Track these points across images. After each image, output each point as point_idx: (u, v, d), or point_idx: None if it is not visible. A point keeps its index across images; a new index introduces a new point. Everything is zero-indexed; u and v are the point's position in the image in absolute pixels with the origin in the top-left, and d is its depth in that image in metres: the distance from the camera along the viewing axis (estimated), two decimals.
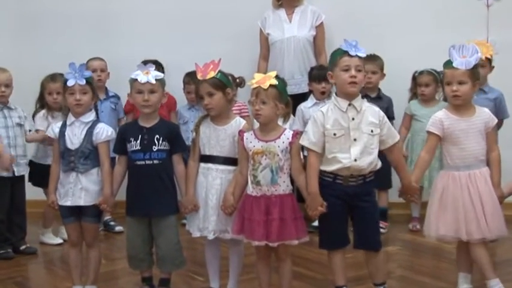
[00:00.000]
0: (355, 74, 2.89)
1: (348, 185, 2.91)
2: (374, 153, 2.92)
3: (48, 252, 4.17)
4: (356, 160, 2.87)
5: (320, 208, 2.90)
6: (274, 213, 2.92)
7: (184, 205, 3.15)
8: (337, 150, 2.89)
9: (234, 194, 3.04)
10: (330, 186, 2.93)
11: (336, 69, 2.93)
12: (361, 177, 2.92)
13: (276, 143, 2.96)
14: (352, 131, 2.89)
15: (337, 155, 2.89)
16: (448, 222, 3.04)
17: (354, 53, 2.89)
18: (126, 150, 3.16)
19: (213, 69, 3.10)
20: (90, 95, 3.18)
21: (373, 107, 2.99)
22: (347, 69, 2.89)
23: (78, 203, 3.17)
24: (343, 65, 2.90)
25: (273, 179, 2.93)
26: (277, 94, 2.95)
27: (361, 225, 2.95)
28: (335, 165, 2.90)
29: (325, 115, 2.92)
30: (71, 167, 3.16)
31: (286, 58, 4.65)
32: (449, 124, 3.07)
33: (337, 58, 2.92)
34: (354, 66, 2.89)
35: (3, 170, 3.75)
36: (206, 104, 3.10)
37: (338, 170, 2.90)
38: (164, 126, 3.19)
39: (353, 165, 2.88)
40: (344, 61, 2.90)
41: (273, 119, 2.98)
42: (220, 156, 3.12)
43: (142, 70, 3.13)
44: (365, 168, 2.90)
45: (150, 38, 5.05)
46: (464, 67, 3.00)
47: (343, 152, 2.89)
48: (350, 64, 2.89)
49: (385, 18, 4.91)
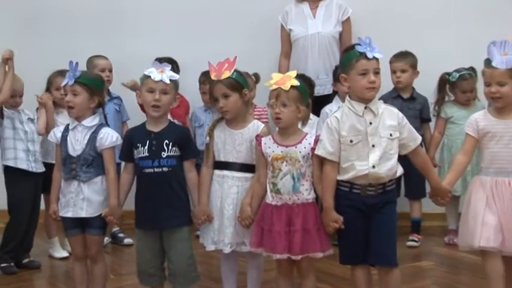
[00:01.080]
0: (374, 78, 2.86)
1: (367, 195, 2.89)
2: (393, 158, 2.90)
3: (52, 266, 4.19)
4: (374, 167, 2.86)
5: (334, 224, 2.90)
6: (296, 223, 2.91)
7: (196, 216, 3.14)
8: (354, 158, 2.88)
9: (251, 204, 3.04)
10: (346, 197, 2.91)
11: (351, 73, 2.90)
12: (380, 186, 2.90)
13: (297, 148, 2.96)
14: (370, 137, 2.87)
15: (355, 163, 2.87)
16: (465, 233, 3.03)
17: (371, 55, 2.86)
18: (133, 156, 3.15)
19: (228, 69, 3.09)
20: (83, 96, 3.16)
21: (391, 109, 2.98)
22: (365, 74, 2.86)
23: (79, 214, 3.17)
24: (360, 69, 2.87)
25: (295, 186, 2.93)
26: (299, 96, 2.95)
27: (376, 239, 2.91)
28: (351, 173, 2.88)
29: (340, 121, 2.90)
30: (72, 175, 3.16)
31: (310, 56, 4.64)
32: (484, 125, 3.05)
33: (352, 61, 2.89)
34: (372, 70, 2.87)
35: None
36: (221, 107, 3.10)
37: (355, 178, 2.88)
38: (174, 130, 3.16)
39: (371, 172, 2.86)
40: (361, 65, 2.87)
41: (294, 122, 2.99)
42: (237, 163, 3.11)
43: (157, 68, 3.10)
44: (384, 177, 2.88)
45: (160, 34, 5.07)
46: (505, 66, 2.96)
47: (361, 160, 2.87)
48: (368, 68, 2.86)
49: (418, 12, 4.88)
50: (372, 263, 2.97)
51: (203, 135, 4.30)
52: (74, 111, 3.19)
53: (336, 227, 2.90)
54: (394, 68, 4.48)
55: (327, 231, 2.94)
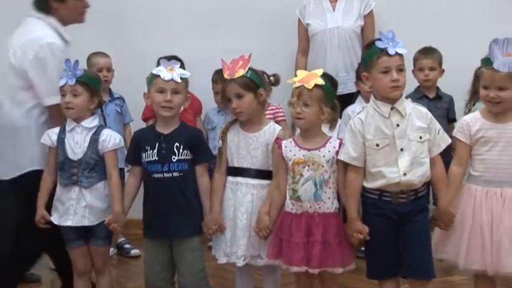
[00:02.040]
0: (397, 76, 2.84)
1: (398, 202, 2.87)
2: (426, 163, 2.87)
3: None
4: (406, 174, 2.84)
5: (359, 235, 2.88)
6: (316, 234, 2.91)
7: (207, 225, 3.13)
8: (381, 164, 2.86)
9: (269, 213, 3.03)
10: (375, 205, 2.90)
11: (373, 71, 2.88)
12: (412, 193, 2.88)
13: (320, 151, 2.95)
14: (398, 140, 2.85)
15: (382, 169, 2.86)
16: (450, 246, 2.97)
17: (393, 51, 2.84)
18: (141, 160, 3.15)
19: (243, 67, 3.09)
20: (84, 97, 3.18)
21: (419, 108, 2.95)
22: (387, 71, 2.84)
23: (81, 222, 3.16)
24: (381, 67, 2.84)
25: (317, 194, 2.93)
26: (323, 96, 2.94)
27: (410, 249, 2.88)
28: (380, 181, 2.87)
29: (365, 123, 2.89)
30: (72, 180, 3.16)
31: (329, 52, 4.64)
32: (477, 129, 2.96)
33: (373, 58, 2.87)
34: (395, 67, 2.84)
35: None
36: (234, 108, 3.09)
37: (385, 186, 2.87)
38: (185, 132, 3.16)
39: (402, 180, 2.84)
40: (383, 62, 2.84)
41: (316, 124, 2.98)
42: (252, 169, 3.11)
43: (166, 66, 3.10)
44: (416, 183, 2.86)
45: (167, 30, 5.04)
46: (507, 69, 2.84)
47: (389, 166, 2.85)
48: (390, 65, 2.84)
49: (445, 5, 4.88)
50: (406, 275, 2.93)
51: (216, 138, 4.31)
52: (73, 112, 3.19)
53: (360, 238, 2.88)
54: (422, 65, 4.43)
55: (351, 243, 2.92)
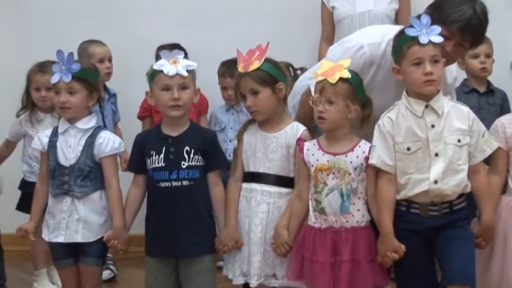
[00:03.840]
0: (431, 68, 2.84)
1: (428, 215, 2.90)
2: (463, 171, 2.89)
3: None
4: (437, 182, 2.85)
5: (393, 254, 2.89)
6: (344, 252, 2.92)
7: (222, 241, 3.14)
8: (413, 171, 2.88)
9: (289, 227, 3.06)
10: (402, 218, 2.91)
11: (403, 63, 2.89)
12: (446, 205, 2.90)
13: (347, 157, 2.95)
14: (433, 143, 2.87)
15: (413, 177, 2.88)
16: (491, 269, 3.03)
17: (425, 40, 2.84)
18: (145, 167, 3.16)
19: (258, 58, 3.10)
20: (82, 95, 3.20)
21: (460, 107, 2.95)
22: (419, 63, 2.85)
23: (74, 239, 3.18)
24: (413, 58, 2.85)
25: (343, 206, 2.95)
26: (350, 91, 2.95)
27: (449, 253, 2.88)
28: (409, 190, 2.89)
29: (395, 123, 2.91)
30: (64, 189, 3.17)
31: None
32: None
33: (403, 47, 2.88)
34: (429, 58, 2.84)
35: None
36: (249, 106, 3.12)
37: (413, 196, 2.89)
38: (197, 134, 3.17)
39: (432, 188, 2.86)
40: (414, 52, 2.85)
41: (343, 124, 2.98)
42: (270, 174, 3.13)
43: (169, 58, 3.09)
44: (449, 194, 2.88)
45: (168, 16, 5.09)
46: None
47: (421, 172, 2.87)
48: (422, 56, 2.84)
49: None
50: (448, 282, 2.90)
51: (225, 141, 4.36)
52: (70, 112, 3.21)
53: (396, 258, 2.88)
54: (477, 51, 4.32)
55: (383, 263, 2.93)
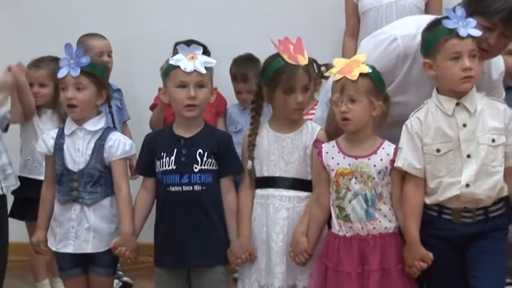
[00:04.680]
0: (470, 64, 2.83)
1: (461, 222, 2.89)
2: (498, 173, 2.88)
3: None
4: (468, 185, 2.85)
5: (421, 263, 2.89)
6: (372, 261, 2.94)
7: (234, 253, 3.15)
8: (443, 174, 2.88)
9: (308, 233, 3.07)
10: (432, 224, 2.92)
11: (438, 57, 2.88)
12: (480, 212, 2.89)
13: (370, 160, 2.97)
14: (464, 144, 2.86)
15: (444, 180, 2.88)
16: None
17: (465, 33, 2.83)
18: (154, 169, 3.18)
19: (300, 52, 3.11)
20: (90, 91, 3.21)
21: (495, 104, 2.95)
22: (457, 58, 2.85)
23: (84, 249, 3.21)
24: (450, 52, 2.85)
25: (369, 212, 2.97)
26: (372, 87, 2.96)
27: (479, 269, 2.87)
28: (439, 194, 2.89)
29: (423, 123, 2.91)
30: (73, 196, 3.20)
31: None
32: None
33: (439, 41, 2.87)
34: (467, 53, 2.84)
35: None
36: (300, 102, 3.09)
37: (444, 201, 2.89)
38: (211, 135, 3.19)
39: (464, 192, 2.85)
40: (452, 46, 2.84)
41: (368, 124, 2.99)
42: (287, 178, 3.14)
43: (186, 54, 3.11)
44: (483, 199, 2.86)
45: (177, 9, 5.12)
46: None
47: (452, 176, 2.87)
48: (461, 50, 2.84)
49: None
50: None
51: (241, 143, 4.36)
52: (78, 111, 3.21)
53: (424, 267, 2.88)
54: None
55: (411, 273, 2.93)
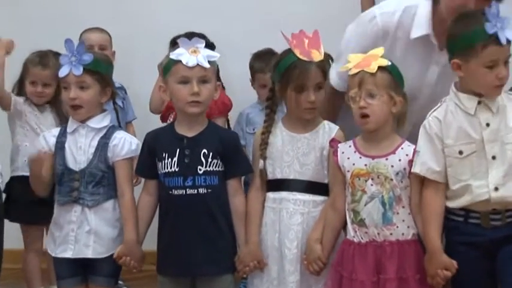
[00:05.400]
0: (505, 72, 2.83)
1: (490, 226, 2.87)
2: None
3: None
4: (497, 189, 2.83)
5: (445, 272, 2.86)
6: (389, 269, 2.91)
7: (242, 260, 3.14)
8: (467, 177, 2.87)
9: (322, 241, 3.04)
10: (459, 230, 2.90)
11: (472, 61, 2.85)
12: (510, 213, 2.88)
13: (388, 160, 2.95)
14: (489, 145, 2.85)
15: (468, 183, 2.86)
16: None
17: (504, 40, 2.81)
18: (156, 171, 3.17)
19: (315, 47, 3.10)
20: (95, 90, 3.21)
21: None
22: (493, 66, 2.82)
23: (84, 254, 3.18)
24: (488, 60, 2.82)
25: (386, 216, 2.94)
26: (391, 81, 2.95)
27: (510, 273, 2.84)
28: (465, 199, 2.87)
29: (443, 123, 2.90)
30: (73, 197, 3.18)
31: None
32: None
33: (476, 45, 2.83)
34: (503, 60, 2.84)
35: None
36: (313, 101, 3.07)
37: (471, 204, 2.87)
38: (216, 134, 3.18)
39: (494, 197, 2.83)
40: (491, 53, 2.81)
41: (388, 120, 2.98)
42: (302, 180, 3.12)
43: (188, 47, 3.09)
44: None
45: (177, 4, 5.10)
46: None
47: (477, 178, 2.85)
48: (499, 58, 2.83)
49: None
50: None
51: None
52: (83, 112, 3.21)
53: (449, 276, 2.86)
54: None
55: (434, 284, 2.90)
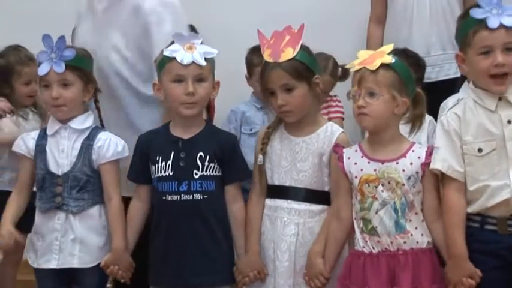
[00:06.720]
0: (503, 58, 2.83)
1: (507, 232, 2.87)
2: None
3: None
4: None
5: (469, 280, 2.85)
6: (403, 280, 2.89)
7: (241, 270, 3.15)
8: (486, 177, 2.87)
9: (324, 254, 3.05)
10: (475, 237, 2.89)
11: (469, 51, 2.89)
12: None
13: (399, 164, 2.93)
14: (510, 142, 2.86)
15: (487, 184, 2.86)
16: None
17: (496, 24, 2.82)
18: (149, 175, 3.18)
19: (291, 44, 3.07)
20: (77, 87, 3.22)
21: None
22: (487, 52, 2.84)
23: (69, 263, 3.18)
24: (479, 46, 2.85)
25: (399, 223, 2.93)
26: (395, 80, 2.92)
27: None
28: (481, 200, 2.88)
29: (462, 119, 2.92)
30: (56, 203, 3.18)
31: (417, 22, 4.52)
32: None
33: (468, 33, 2.88)
34: (500, 46, 2.83)
35: None
36: (281, 105, 3.08)
37: (489, 208, 2.87)
38: (213, 137, 3.19)
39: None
40: (481, 39, 2.84)
41: (389, 123, 2.95)
42: (298, 188, 3.12)
43: (183, 43, 3.09)
44: None
45: None
46: None
47: (497, 178, 2.86)
48: (492, 44, 2.83)
49: None
50: None
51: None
52: (66, 111, 3.21)
53: (473, 285, 2.85)
54: None
55: None
